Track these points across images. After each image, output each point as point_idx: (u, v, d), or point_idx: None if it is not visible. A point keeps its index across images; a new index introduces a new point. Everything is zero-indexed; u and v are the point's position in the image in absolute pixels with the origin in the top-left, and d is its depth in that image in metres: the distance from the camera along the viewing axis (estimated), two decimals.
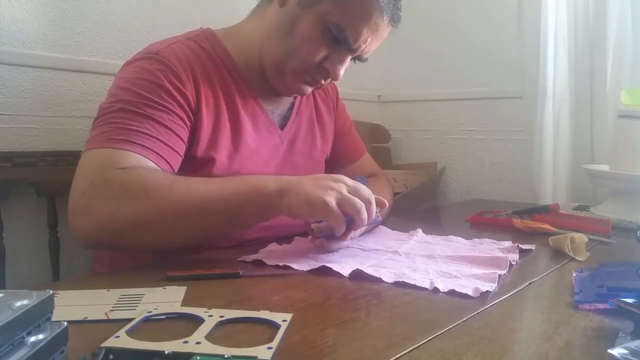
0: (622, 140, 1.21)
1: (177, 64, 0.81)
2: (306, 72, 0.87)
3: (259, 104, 0.93)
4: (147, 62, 0.81)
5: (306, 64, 0.85)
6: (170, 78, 0.79)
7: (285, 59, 0.86)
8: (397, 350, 0.45)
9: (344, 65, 0.87)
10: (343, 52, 0.85)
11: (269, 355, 0.42)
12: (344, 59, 0.87)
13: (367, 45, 0.86)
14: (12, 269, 1.05)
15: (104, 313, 0.52)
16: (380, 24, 0.84)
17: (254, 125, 0.91)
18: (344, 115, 1.16)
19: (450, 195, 1.86)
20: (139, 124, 0.75)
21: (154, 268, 0.69)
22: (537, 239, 0.91)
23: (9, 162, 1.03)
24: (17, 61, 1.07)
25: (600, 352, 0.45)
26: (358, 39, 0.83)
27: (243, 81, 0.91)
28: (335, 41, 0.83)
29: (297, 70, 0.87)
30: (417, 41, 1.91)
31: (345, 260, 0.73)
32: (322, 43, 0.83)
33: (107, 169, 0.70)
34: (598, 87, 1.44)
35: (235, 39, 0.92)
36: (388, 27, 0.87)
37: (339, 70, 0.87)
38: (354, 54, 0.87)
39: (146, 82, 0.78)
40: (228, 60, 0.90)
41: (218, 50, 0.90)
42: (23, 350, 0.35)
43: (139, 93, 0.77)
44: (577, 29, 1.47)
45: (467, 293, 0.60)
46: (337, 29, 0.82)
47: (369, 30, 0.83)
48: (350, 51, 0.85)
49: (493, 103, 1.74)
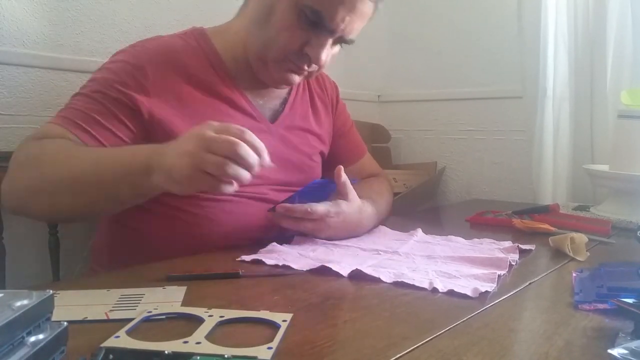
0: (622, 140, 1.21)
1: (144, 58, 0.84)
2: (288, 60, 0.86)
3: (246, 98, 0.93)
4: (122, 55, 0.87)
5: (286, 52, 0.85)
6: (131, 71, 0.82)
7: (265, 49, 0.86)
8: (397, 350, 0.45)
9: (324, 49, 0.85)
10: (322, 35, 0.83)
11: (269, 355, 0.42)
12: (324, 42, 0.84)
13: (346, 25, 0.83)
14: (12, 269, 1.05)
15: (104, 313, 0.52)
16: (356, 1, 0.81)
17: (242, 117, 0.91)
18: (345, 116, 1.16)
19: (450, 195, 1.86)
20: (86, 105, 0.80)
21: (154, 268, 0.69)
22: (537, 239, 0.91)
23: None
24: (17, 61, 1.07)
25: (600, 352, 0.45)
26: (334, 19, 0.81)
27: (228, 76, 0.91)
28: (312, 24, 0.82)
29: (278, 59, 0.86)
30: (417, 41, 1.91)
31: (345, 260, 0.73)
32: (299, 28, 0.82)
33: (27, 140, 0.78)
34: (598, 87, 1.44)
35: (224, 36, 0.93)
36: (368, 3, 0.83)
37: (320, 54, 0.84)
38: (333, 36, 0.84)
39: (109, 72, 0.83)
40: (214, 56, 0.91)
41: (205, 47, 0.91)
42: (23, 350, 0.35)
43: (98, 81, 0.83)
44: (577, 29, 1.47)
45: (465, 293, 0.60)
46: (311, 11, 0.80)
47: (345, 8, 0.81)
48: (329, 32, 0.83)
49: (493, 103, 1.74)
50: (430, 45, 1.87)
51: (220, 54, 0.91)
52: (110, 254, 0.91)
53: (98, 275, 0.87)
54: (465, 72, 1.79)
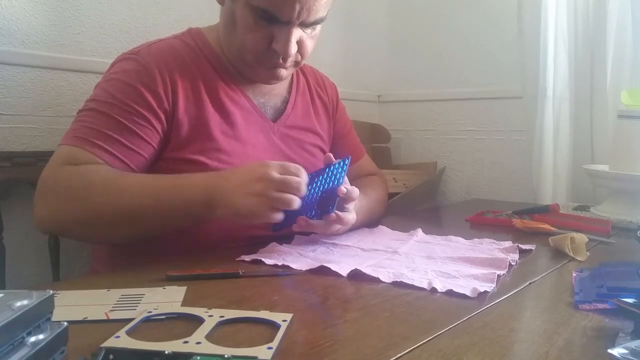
0: (622, 140, 1.21)
1: (153, 64, 0.84)
2: (263, 59, 0.86)
3: (247, 97, 0.93)
4: (126, 63, 0.85)
5: (257, 52, 0.85)
6: (142, 79, 0.82)
7: (240, 53, 0.87)
8: (397, 350, 0.45)
9: (290, 41, 0.83)
10: (284, 29, 0.83)
11: (269, 355, 0.42)
12: (288, 35, 0.83)
13: (301, 11, 0.80)
14: (12, 269, 1.05)
15: (104, 313, 0.52)
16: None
17: (243, 116, 0.91)
18: (344, 118, 1.16)
19: (450, 195, 1.86)
20: (104, 124, 0.79)
21: (154, 268, 0.69)
22: (537, 239, 0.91)
23: (9, 162, 1.03)
24: (17, 61, 1.07)
25: (600, 352, 0.45)
26: (284, 12, 0.80)
27: (229, 75, 0.92)
28: (269, 21, 0.82)
29: (254, 61, 0.87)
30: (417, 41, 1.91)
31: (345, 260, 0.73)
32: (259, 27, 0.82)
33: (60, 165, 0.77)
34: (598, 87, 1.44)
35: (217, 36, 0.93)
36: None
37: (287, 47, 0.83)
38: (293, 26, 0.83)
39: (119, 82, 0.82)
40: (212, 55, 0.91)
41: (203, 46, 0.91)
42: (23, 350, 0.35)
43: (110, 93, 0.82)
44: (577, 29, 1.47)
45: (465, 293, 0.60)
46: (262, 11, 0.80)
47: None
48: (287, 24, 0.82)
49: (493, 103, 1.74)
50: (430, 45, 1.87)
51: (219, 54, 0.92)
52: (110, 254, 0.91)
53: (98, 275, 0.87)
54: (465, 72, 1.79)
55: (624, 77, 1.39)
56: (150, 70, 0.83)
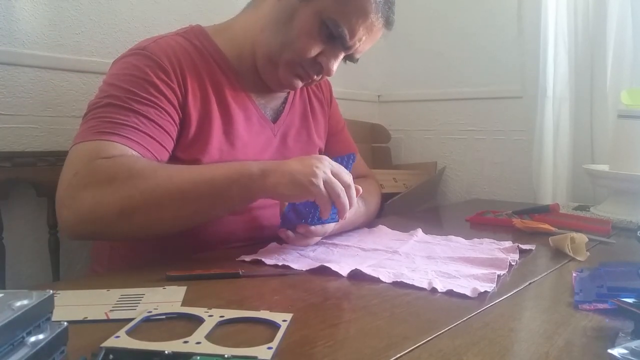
0: (622, 140, 1.21)
1: (164, 59, 0.82)
2: (300, 65, 0.87)
3: (250, 98, 0.93)
4: (135, 58, 0.82)
5: (301, 57, 0.86)
6: (157, 73, 0.80)
7: (280, 50, 0.87)
8: (397, 350, 0.45)
9: (337, 62, 0.88)
10: (337, 49, 0.86)
11: (269, 355, 0.42)
12: (337, 55, 0.87)
13: (360, 44, 0.86)
14: (12, 269, 1.05)
15: (104, 313, 0.52)
16: (375, 24, 0.85)
17: (246, 118, 0.91)
18: (337, 115, 1.16)
19: (450, 195, 1.86)
20: (127, 117, 0.76)
21: (154, 268, 0.69)
22: (537, 239, 0.91)
23: (9, 162, 1.03)
24: (17, 61, 1.07)
25: (600, 352, 0.45)
26: (354, 37, 0.84)
27: (234, 75, 0.91)
28: (330, 37, 0.84)
29: (291, 62, 0.87)
30: (417, 41, 1.91)
31: (345, 260, 0.73)
32: (318, 38, 0.84)
33: (92, 160, 0.71)
34: (598, 87, 1.44)
35: (227, 35, 0.92)
36: (382, 29, 0.88)
37: (332, 65, 0.87)
38: (347, 52, 0.87)
39: (134, 77, 0.80)
40: (218, 55, 0.91)
41: (208, 46, 0.90)
42: (23, 350, 0.35)
43: (126, 89, 0.78)
44: (577, 29, 1.47)
45: (465, 293, 0.60)
46: (334, 25, 0.82)
47: (365, 28, 0.84)
48: (345, 48, 0.85)
49: (493, 103, 1.74)
50: (430, 45, 1.87)
51: (225, 54, 0.91)
52: (111, 254, 0.91)
53: (98, 275, 0.87)
54: (465, 72, 1.79)
55: (624, 77, 1.39)
56: (164, 65, 0.81)
